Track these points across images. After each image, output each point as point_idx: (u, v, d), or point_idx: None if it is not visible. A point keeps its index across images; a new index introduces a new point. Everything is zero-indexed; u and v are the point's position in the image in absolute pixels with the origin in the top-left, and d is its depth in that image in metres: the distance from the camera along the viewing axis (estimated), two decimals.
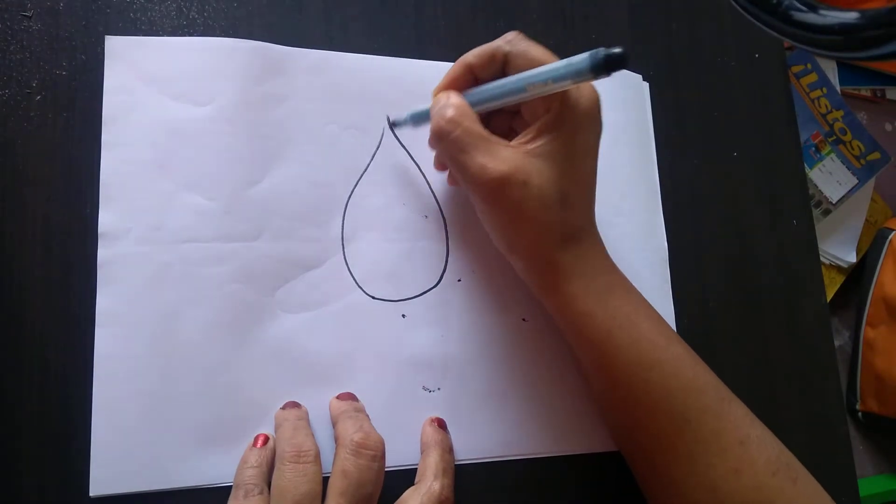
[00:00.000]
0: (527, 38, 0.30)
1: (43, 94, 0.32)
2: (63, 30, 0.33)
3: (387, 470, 0.28)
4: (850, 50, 0.18)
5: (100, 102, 0.32)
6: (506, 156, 0.29)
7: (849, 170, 0.96)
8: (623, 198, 0.39)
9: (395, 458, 0.31)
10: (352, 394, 0.32)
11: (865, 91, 1.05)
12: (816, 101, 0.95)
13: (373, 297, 0.34)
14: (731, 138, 0.43)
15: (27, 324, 0.30)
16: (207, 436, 0.30)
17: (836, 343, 1.02)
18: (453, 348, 0.34)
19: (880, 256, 0.99)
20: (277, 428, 0.30)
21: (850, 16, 0.17)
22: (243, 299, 0.32)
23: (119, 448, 0.29)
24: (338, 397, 0.32)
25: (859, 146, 0.97)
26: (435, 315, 0.34)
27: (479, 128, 0.30)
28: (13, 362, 0.30)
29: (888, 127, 1.07)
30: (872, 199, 1.01)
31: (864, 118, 1.03)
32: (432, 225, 0.35)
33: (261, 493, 0.27)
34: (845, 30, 0.18)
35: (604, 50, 0.25)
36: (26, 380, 0.30)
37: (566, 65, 0.27)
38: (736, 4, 0.21)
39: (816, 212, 0.95)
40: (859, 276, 1.02)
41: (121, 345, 0.30)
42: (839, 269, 0.99)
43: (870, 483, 0.96)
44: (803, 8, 0.19)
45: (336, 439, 0.29)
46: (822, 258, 0.97)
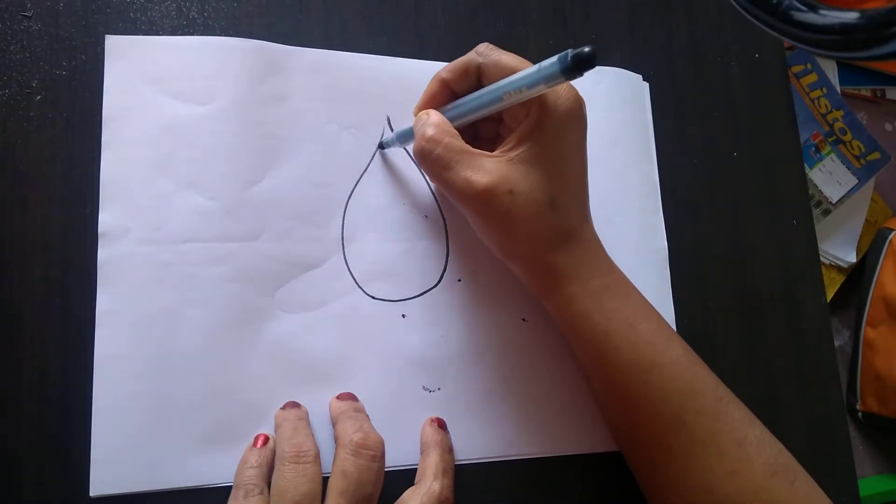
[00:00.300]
0: (497, 48, 0.31)
1: (43, 94, 0.32)
2: (63, 30, 0.33)
3: (387, 470, 0.28)
4: (850, 50, 0.18)
5: (100, 102, 0.32)
6: (489, 167, 0.29)
7: (849, 170, 0.96)
8: (623, 198, 0.39)
9: (395, 458, 0.31)
10: (352, 394, 0.32)
11: (865, 91, 1.05)
12: (816, 101, 0.95)
13: (373, 297, 0.34)
14: (731, 138, 0.43)
15: (27, 324, 0.30)
16: (207, 436, 0.30)
17: (836, 343, 1.02)
18: (453, 348, 0.34)
19: (880, 256, 0.99)
20: (277, 428, 0.30)
21: (850, 16, 0.17)
22: (243, 299, 0.32)
23: (119, 448, 0.29)
24: (338, 397, 0.32)
25: (859, 146, 0.97)
26: (435, 315, 0.34)
27: (460, 143, 0.30)
28: (13, 362, 0.30)
29: (888, 127, 1.07)
30: (872, 199, 1.01)
31: (864, 118, 1.03)
32: (432, 225, 0.35)
33: (261, 493, 0.27)
34: (845, 30, 0.18)
35: (571, 51, 0.25)
36: (26, 380, 0.30)
37: (537, 70, 0.27)
38: (736, 4, 0.21)
39: (816, 212, 0.95)
40: (859, 276, 1.02)
41: (121, 345, 0.30)
42: (839, 269, 0.99)
43: (870, 483, 0.96)
44: (803, 8, 0.19)
45: (336, 439, 0.29)
46: (822, 258, 0.97)
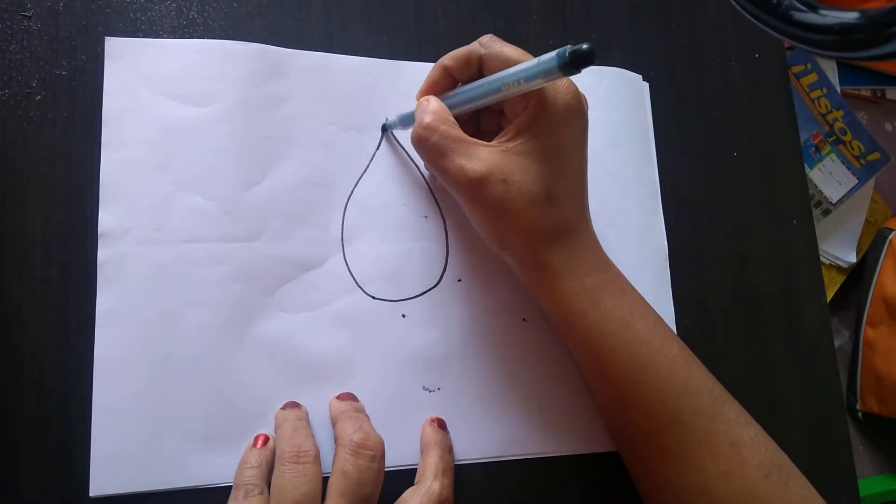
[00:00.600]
0: (500, 40, 0.31)
1: (43, 94, 0.32)
2: (63, 30, 0.33)
3: (387, 470, 0.28)
4: (850, 50, 0.18)
5: (100, 102, 0.32)
6: (484, 156, 0.29)
7: (849, 170, 0.96)
8: (623, 198, 0.39)
9: (395, 458, 0.31)
10: (352, 394, 0.32)
11: (865, 91, 1.05)
12: (816, 101, 0.95)
13: (373, 297, 0.34)
14: (731, 138, 0.43)
15: (27, 324, 0.30)
16: (207, 436, 0.30)
17: (836, 343, 1.02)
18: (453, 348, 0.34)
19: (880, 256, 0.99)
20: (277, 428, 0.30)
21: (850, 16, 0.17)
22: (243, 299, 0.32)
23: (119, 448, 0.29)
24: (338, 397, 0.32)
25: (859, 146, 0.97)
26: (435, 315, 0.34)
27: (457, 131, 0.30)
28: (13, 363, 0.30)
29: (888, 127, 1.07)
30: (872, 199, 1.01)
31: (864, 118, 1.03)
32: (432, 225, 0.35)
33: (261, 493, 0.27)
34: (845, 30, 0.18)
35: (570, 47, 0.25)
36: (26, 380, 0.30)
37: (536, 64, 0.27)
38: (736, 4, 0.21)
39: (816, 212, 0.95)
40: (859, 276, 1.02)
41: (121, 345, 0.30)
42: (839, 269, 0.99)
43: (870, 483, 0.96)
44: (803, 8, 0.19)
45: (336, 439, 0.29)
46: (822, 258, 0.97)
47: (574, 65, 0.25)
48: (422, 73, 0.36)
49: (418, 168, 0.36)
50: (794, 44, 0.20)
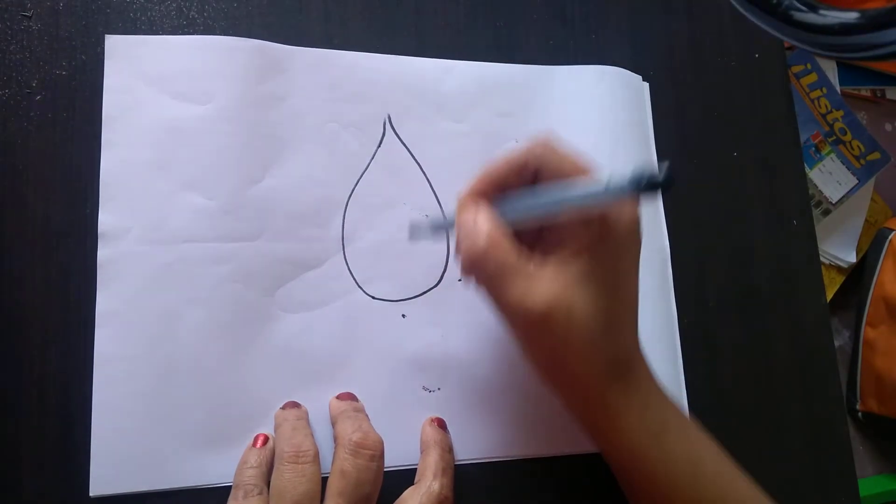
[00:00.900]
0: (557, 145, 0.28)
1: (43, 94, 0.32)
2: (63, 30, 0.33)
3: (386, 470, 0.28)
4: (850, 50, 0.18)
5: (100, 102, 0.32)
6: (545, 286, 0.26)
7: (849, 170, 0.96)
8: None
9: (395, 458, 0.31)
10: (351, 394, 0.32)
11: (865, 91, 1.05)
12: (816, 101, 0.95)
13: (373, 297, 0.34)
14: (731, 138, 0.43)
15: (27, 324, 0.30)
16: (207, 436, 0.30)
17: (836, 343, 1.02)
18: (453, 348, 0.34)
19: (880, 256, 0.99)
20: (277, 428, 0.30)
21: (850, 16, 0.17)
22: (243, 299, 0.32)
23: (119, 448, 0.29)
24: (337, 397, 0.32)
25: (859, 146, 0.97)
26: (435, 315, 0.34)
27: (513, 257, 0.26)
28: (13, 362, 0.30)
29: (888, 127, 1.07)
30: (872, 199, 1.01)
31: (864, 118, 1.03)
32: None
33: (260, 493, 0.27)
34: (845, 30, 0.18)
35: (647, 173, 0.23)
36: (26, 380, 0.30)
37: (605, 187, 0.24)
38: (736, 4, 0.21)
39: (816, 212, 0.95)
40: (859, 276, 1.02)
41: (121, 345, 0.30)
42: (839, 269, 0.99)
43: (870, 483, 0.96)
44: (803, 8, 0.19)
45: (335, 439, 0.29)
46: (822, 258, 0.97)
47: (649, 190, 0.23)
48: (423, 69, 0.36)
49: (420, 166, 0.36)
50: (794, 44, 0.20)
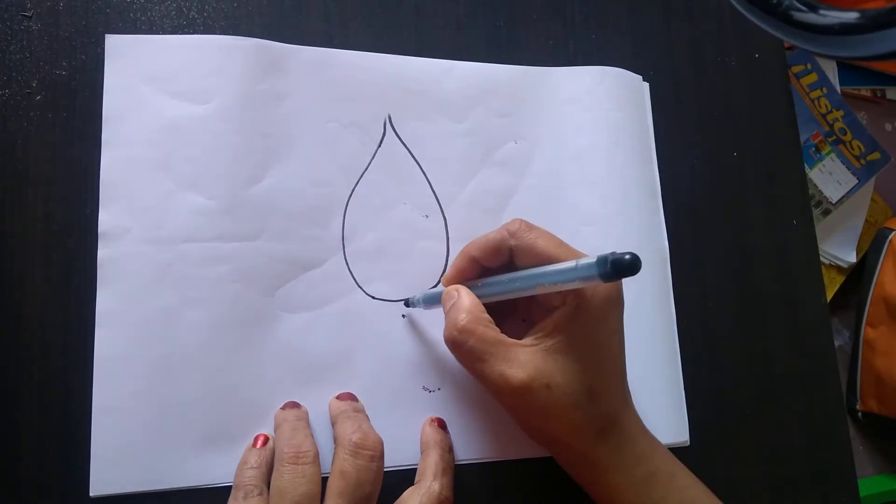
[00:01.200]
0: (531, 226, 0.30)
1: (43, 94, 0.32)
2: (63, 30, 0.33)
3: (387, 470, 0.28)
4: (849, 50, 0.18)
5: (100, 102, 0.32)
6: (524, 360, 0.28)
7: (849, 170, 0.96)
8: (624, 198, 0.39)
9: (395, 458, 0.31)
10: (351, 394, 0.32)
11: (865, 91, 1.05)
12: (816, 101, 0.95)
13: (373, 297, 0.34)
14: (731, 138, 0.43)
15: (27, 324, 0.30)
16: (207, 436, 0.30)
17: (836, 343, 1.02)
18: None
19: (880, 256, 0.99)
20: (277, 428, 0.30)
21: (850, 16, 0.17)
22: (243, 299, 0.32)
23: (119, 448, 0.29)
24: (337, 397, 0.32)
25: (859, 146, 0.97)
26: (435, 315, 0.34)
27: (493, 332, 0.29)
28: (13, 363, 0.30)
29: (888, 127, 1.07)
30: (872, 199, 1.01)
31: (864, 118, 1.03)
32: (433, 225, 0.35)
33: (260, 493, 0.27)
34: (845, 30, 0.18)
35: (612, 255, 0.24)
36: (26, 380, 0.30)
37: (574, 268, 0.26)
38: (736, 4, 0.21)
39: (816, 212, 0.95)
40: (859, 276, 1.02)
41: (121, 345, 0.30)
42: (839, 269, 0.99)
43: (870, 483, 0.96)
44: (803, 8, 0.19)
45: (335, 439, 0.29)
46: (822, 258, 0.97)
47: (616, 274, 0.24)
48: (423, 69, 0.36)
49: (420, 167, 0.36)
50: (794, 44, 0.20)
